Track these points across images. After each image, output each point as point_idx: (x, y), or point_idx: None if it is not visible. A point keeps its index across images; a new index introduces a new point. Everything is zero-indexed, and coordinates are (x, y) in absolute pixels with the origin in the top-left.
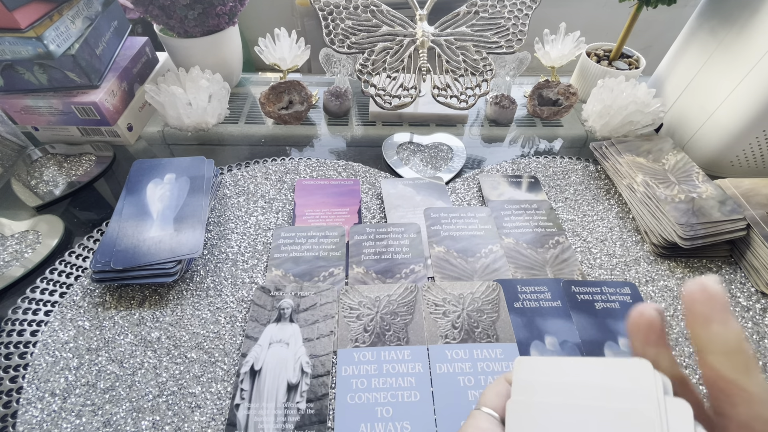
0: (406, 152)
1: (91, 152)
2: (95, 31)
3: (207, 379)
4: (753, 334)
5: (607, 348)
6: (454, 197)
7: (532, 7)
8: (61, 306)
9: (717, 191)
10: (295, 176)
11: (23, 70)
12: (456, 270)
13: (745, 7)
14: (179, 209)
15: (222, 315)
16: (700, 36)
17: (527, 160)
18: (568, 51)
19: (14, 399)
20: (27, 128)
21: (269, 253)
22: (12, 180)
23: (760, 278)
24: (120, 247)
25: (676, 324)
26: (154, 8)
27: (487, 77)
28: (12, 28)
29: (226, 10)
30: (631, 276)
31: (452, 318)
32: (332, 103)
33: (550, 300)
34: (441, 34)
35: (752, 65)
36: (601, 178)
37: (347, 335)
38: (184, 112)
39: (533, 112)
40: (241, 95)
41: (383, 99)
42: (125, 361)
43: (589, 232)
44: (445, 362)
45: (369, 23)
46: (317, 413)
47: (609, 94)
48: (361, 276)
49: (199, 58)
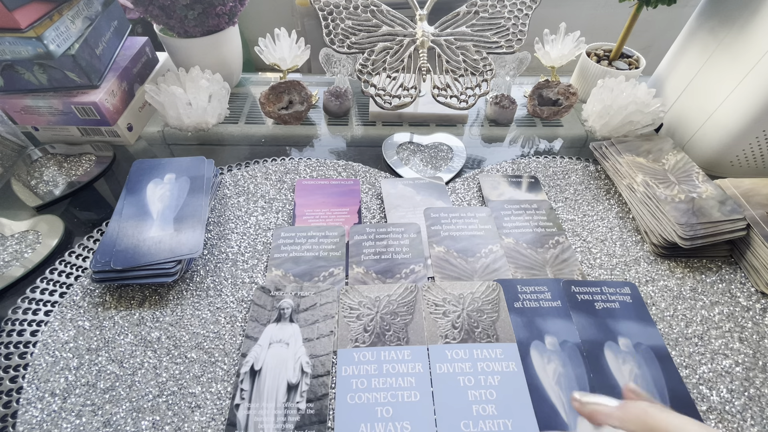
0: (406, 152)
1: (91, 152)
2: (95, 31)
3: (207, 379)
4: (753, 334)
5: (607, 348)
6: (454, 197)
7: (532, 7)
8: (61, 306)
9: (717, 191)
10: (295, 176)
11: (23, 70)
12: (456, 270)
13: (745, 7)
14: (179, 209)
15: (222, 315)
16: (700, 36)
17: (527, 160)
18: (568, 51)
19: (14, 399)
20: (27, 128)
21: (269, 253)
22: (12, 180)
23: (760, 278)
24: (120, 247)
25: (676, 324)
26: (154, 8)
27: (487, 77)
28: (12, 28)
29: (226, 10)
30: (631, 276)
31: (452, 318)
32: (332, 103)
33: (550, 300)
34: (441, 34)
35: (752, 65)
36: (601, 178)
37: (347, 335)
38: (184, 112)
39: (533, 112)
40: (241, 95)
41: (383, 99)
42: (125, 361)
43: (589, 232)
44: (445, 362)
45: (369, 23)
46: (317, 413)
47: (609, 94)
48: (361, 276)
49: (199, 58)
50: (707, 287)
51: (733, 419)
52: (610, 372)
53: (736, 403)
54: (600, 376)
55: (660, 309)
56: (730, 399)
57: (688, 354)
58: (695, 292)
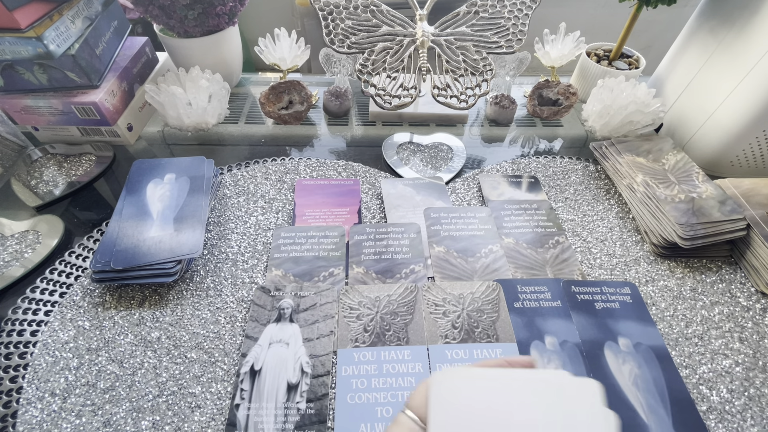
0: (406, 152)
1: (91, 152)
2: (95, 31)
3: (207, 379)
4: (753, 334)
5: (607, 348)
6: (454, 197)
7: (532, 7)
8: (61, 306)
9: (717, 191)
10: (295, 176)
11: (23, 70)
12: (456, 270)
13: (745, 7)
14: (179, 209)
15: (222, 315)
16: (700, 36)
17: (527, 160)
18: (568, 51)
19: (14, 399)
20: (27, 128)
21: (269, 253)
22: (12, 180)
23: (760, 278)
24: (120, 247)
25: (676, 324)
26: (154, 8)
27: (487, 77)
28: (12, 28)
29: (226, 10)
30: (631, 276)
31: (452, 318)
32: (332, 103)
33: (550, 300)
34: (441, 34)
35: (752, 65)
36: (601, 178)
37: (347, 335)
38: (184, 112)
39: (533, 112)
40: (241, 95)
41: (383, 99)
42: (125, 361)
43: (589, 232)
44: (445, 362)
45: (369, 23)
46: (317, 413)
47: (609, 94)
48: (361, 276)
49: (199, 58)
50: (707, 287)
51: (733, 419)
52: (610, 372)
53: (736, 403)
54: (600, 376)
55: (660, 309)
56: (730, 399)
57: (688, 354)
58: (695, 292)
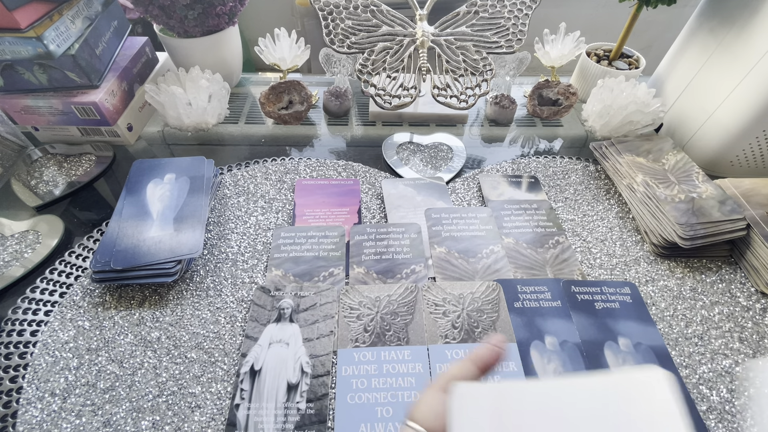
0: (406, 152)
1: (91, 152)
2: (95, 31)
3: (207, 379)
4: (753, 334)
5: (607, 348)
6: (454, 197)
7: (532, 7)
8: (61, 306)
9: (717, 191)
10: (295, 176)
11: (23, 70)
12: (457, 271)
13: (745, 7)
14: (179, 209)
15: (222, 315)
16: (700, 36)
17: (527, 160)
18: (568, 51)
19: (14, 399)
20: (27, 128)
21: (269, 253)
22: (12, 180)
23: (760, 278)
24: (120, 247)
25: (676, 324)
26: (154, 8)
27: (487, 77)
28: (12, 28)
29: (226, 10)
30: (631, 276)
31: (452, 318)
32: (332, 103)
33: (550, 300)
34: (441, 34)
35: (752, 65)
36: (601, 178)
37: (347, 335)
38: (184, 112)
39: (533, 112)
40: (241, 95)
41: (383, 99)
42: (125, 361)
43: (589, 232)
44: (445, 362)
45: (369, 23)
46: (317, 413)
47: (609, 94)
48: (362, 276)
49: (199, 58)
50: (707, 287)
51: (733, 419)
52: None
53: (736, 403)
54: None
55: (660, 309)
56: (730, 399)
57: (688, 354)
58: (695, 292)
